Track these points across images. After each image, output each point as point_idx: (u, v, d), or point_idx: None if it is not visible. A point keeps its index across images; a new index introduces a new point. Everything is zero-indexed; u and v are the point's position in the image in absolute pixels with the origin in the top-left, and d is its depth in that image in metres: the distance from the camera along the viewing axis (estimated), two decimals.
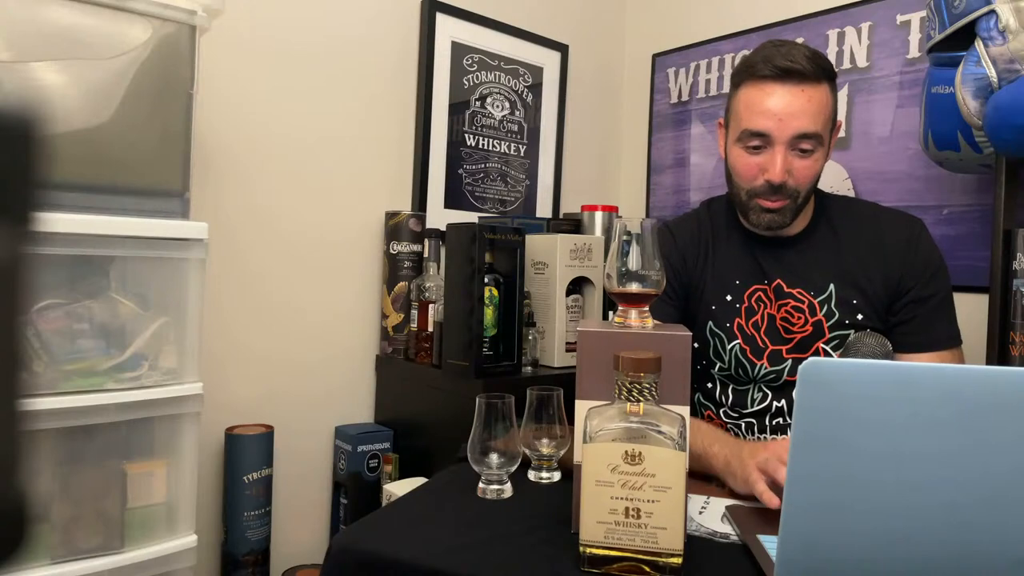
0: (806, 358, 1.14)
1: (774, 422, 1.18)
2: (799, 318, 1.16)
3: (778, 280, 1.18)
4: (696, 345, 1.22)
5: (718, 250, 1.24)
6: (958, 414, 0.52)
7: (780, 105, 1.07)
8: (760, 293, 1.19)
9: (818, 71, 1.08)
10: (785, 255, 1.19)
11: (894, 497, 0.54)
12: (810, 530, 0.56)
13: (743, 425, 1.20)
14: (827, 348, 1.15)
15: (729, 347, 1.19)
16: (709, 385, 1.24)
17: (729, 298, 1.20)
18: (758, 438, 1.18)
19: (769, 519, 0.84)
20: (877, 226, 1.17)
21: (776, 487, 0.86)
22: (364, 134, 1.74)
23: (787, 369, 1.15)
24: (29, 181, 0.26)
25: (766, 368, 1.17)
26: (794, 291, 1.17)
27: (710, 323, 1.21)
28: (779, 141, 1.08)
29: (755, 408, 1.19)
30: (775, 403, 1.17)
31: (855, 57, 1.75)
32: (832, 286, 1.15)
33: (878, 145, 1.71)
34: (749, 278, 1.20)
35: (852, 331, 1.14)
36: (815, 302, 1.15)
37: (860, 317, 1.14)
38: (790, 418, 1.15)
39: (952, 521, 0.53)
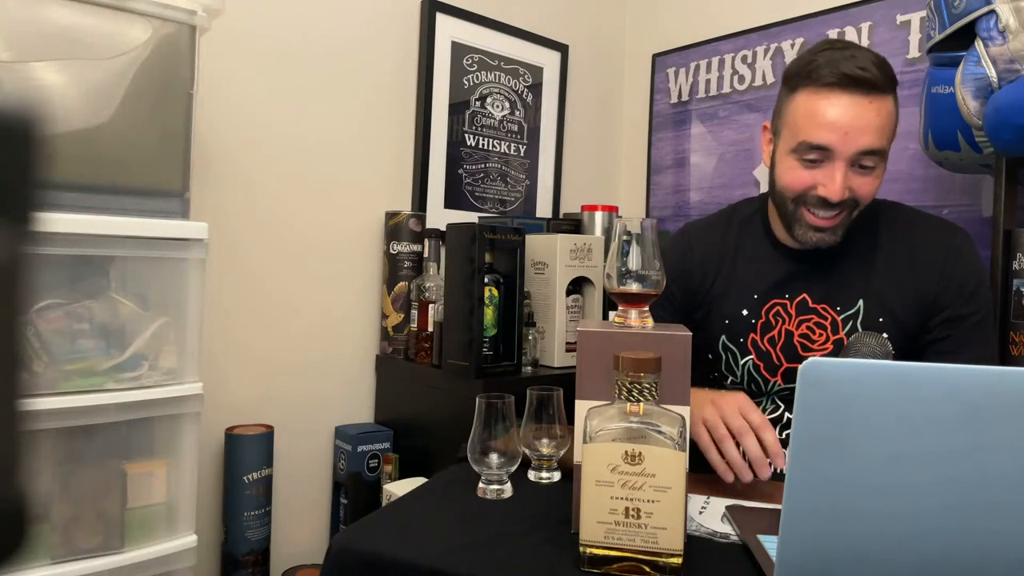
0: None
1: (784, 434, 1.15)
2: (820, 335, 1.10)
3: (803, 295, 1.12)
4: (710, 356, 1.19)
5: (739, 262, 1.18)
6: (959, 414, 0.52)
7: (846, 118, 0.97)
8: (779, 308, 1.13)
9: (887, 80, 0.98)
10: (814, 268, 1.12)
11: (894, 497, 0.54)
12: (810, 530, 0.56)
13: None
14: None
15: (742, 362, 1.15)
16: None
17: (745, 312, 1.15)
18: None
19: (769, 519, 0.84)
20: (916, 238, 1.10)
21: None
22: (364, 134, 1.74)
23: None
24: (29, 181, 0.26)
25: (779, 385, 1.13)
26: (819, 307, 1.11)
27: (723, 337, 1.17)
28: (841, 157, 0.99)
29: (767, 418, 1.16)
30: (787, 414, 1.14)
31: None
32: (861, 302, 1.09)
33: None
34: (770, 292, 1.14)
35: None
36: (839, 319, 1.09)
37: (885, 336, 1.07)
38: None
39: (953, 521, 0.53)
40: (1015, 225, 1.23)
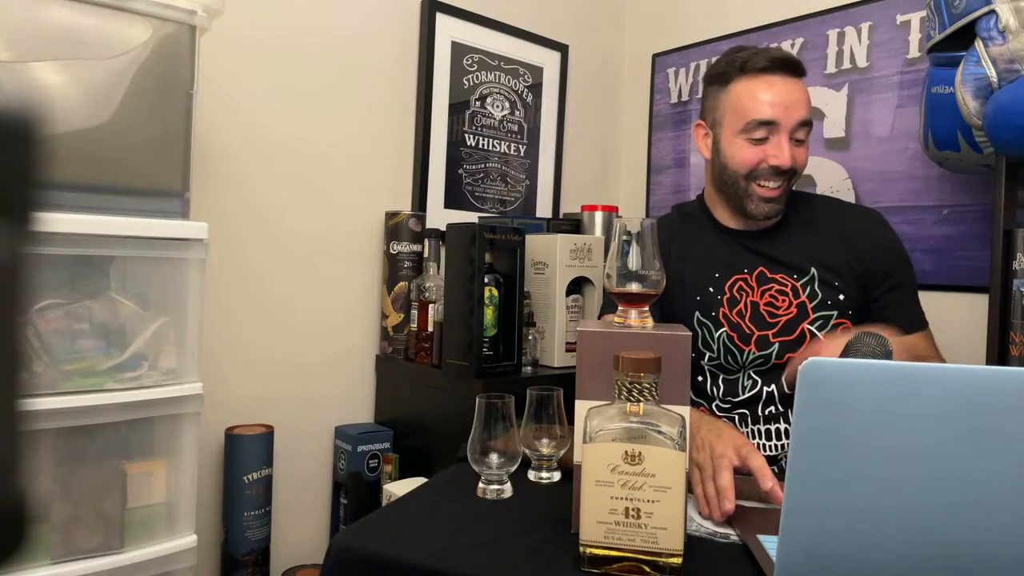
0: (792, 340, 1.16)
1: (767, 411, 1.19)
2: (783, 301, 1.19)
3: (760, 268, 1.21)
4: None
5: (694, 247, 1.27)
6: (958, 414, 0.52)
7: (783, 94, 1.13)
8: (741, 283, 1.22)
9: (803, 68, 1.16)
10: (763, 245, 1.23)
11: (894, 498, 0.54)
12: (810, 530, 0.56)
13: (736, 418, 1.21)
14: (812, 329, 1.17)
15: (717, 335, 1.21)
16: (699, 378, 1.25)
17: (711, 290, 1.23)
18: (752, 430, 1.19)
19: (769, 519, 0.84)
20: (844, 219, 1.23)
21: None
22: (364, 134, 1.74)
23: (775, 353, 1.18)
24: (29, 181, 0.26)
25: (754, 353, 1.19)
26: (777, 276, 1.20)
27: (697, 314, 1.23)
28: (784, 128, 1.13)
29: (746, 396, 1.20)
30: (765, 389, 1.18)
31: (855, 57, 1.75)
32: (813, 269, 1.19)
33: (878, 145, 1.71)
34: (729, 270, 1.23)
35: (835, 311, 1.17)
36: (798, 285, 1.19)
37: (842, 297, 1.18)
38: (782, 405, 1.17)
39: (952, 521, 0.53)
40: (1015, 225, 1.23)
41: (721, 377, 1.22)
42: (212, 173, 1.50)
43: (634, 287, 0.81)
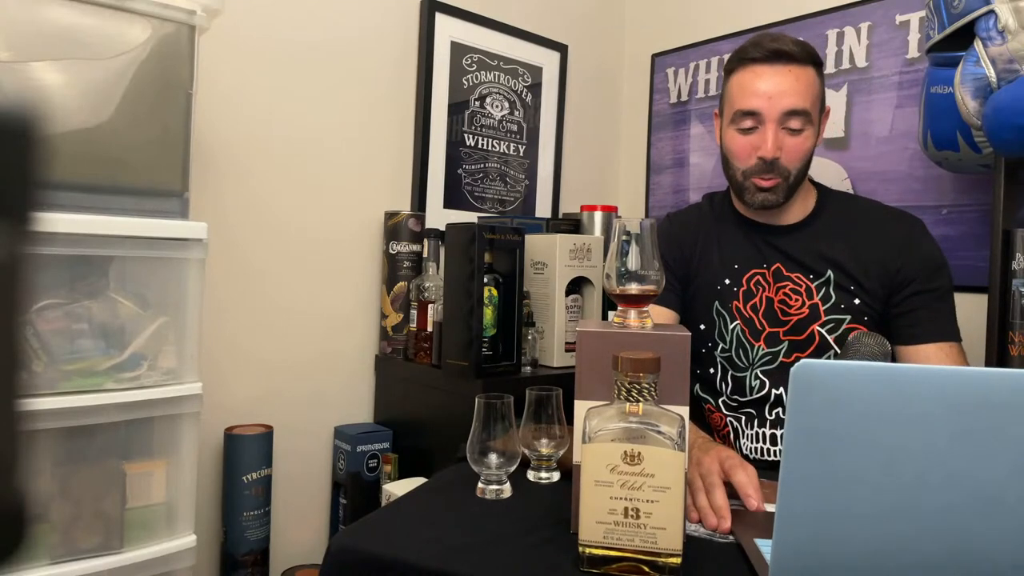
0: (801, 340, 1.16)
1: (773, 413, 1.19)
2: (796, 300, 1.20)
3: (777, 264, 1.22)
4: (702, 327, 1.27)
5: (719, 237, 1.29)
6: (954, 417, 0.52)
7: (769, 85, 1.13)
8: (759, 277, 1.23)
9: (804, 54, 1.14)
10: (784, 242, 1.23)
11: (889, 502, 0.54)
12: (804, 535, 0.56)
13: (743, 418, 1.21)
14: (822, 331, 1.17)
15: (731, 327, 1.24)
16: (711, 370, 1.26)
17: (728, 281, 1.25)
18: (758, 432, 1.19)
19: (768, 522, 0.84)
20: (876, 222, 1.21)
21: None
22: (364, 134, 1.74)
23: (783, 351, 1.19)
24: (29, 181, 0.26)
25: (763, 350, 1.20)
26: (792, 275, 1.21)
27: (716, 303, 1.25)
28: (769, 118, 1.13)
29: (754, 396, 1.21)
30: (774, 391, 1.19)
31: (854, 57, 1.75)
32: (830, 271, 1.19)
33: (877, 145, 1.71)
34: (748, 263, 1.24)
35: (848, 316, 1.17)
36: (812, 286, 1.19)
37: (857, 302, 1.17)
38: None
39: (948, 526, 0.53)
40: (1014, 225, 1.23)
41: (730, 373, 1.24)
42: (212, 173, 1.50)
43: (633, 287, 0.81)
